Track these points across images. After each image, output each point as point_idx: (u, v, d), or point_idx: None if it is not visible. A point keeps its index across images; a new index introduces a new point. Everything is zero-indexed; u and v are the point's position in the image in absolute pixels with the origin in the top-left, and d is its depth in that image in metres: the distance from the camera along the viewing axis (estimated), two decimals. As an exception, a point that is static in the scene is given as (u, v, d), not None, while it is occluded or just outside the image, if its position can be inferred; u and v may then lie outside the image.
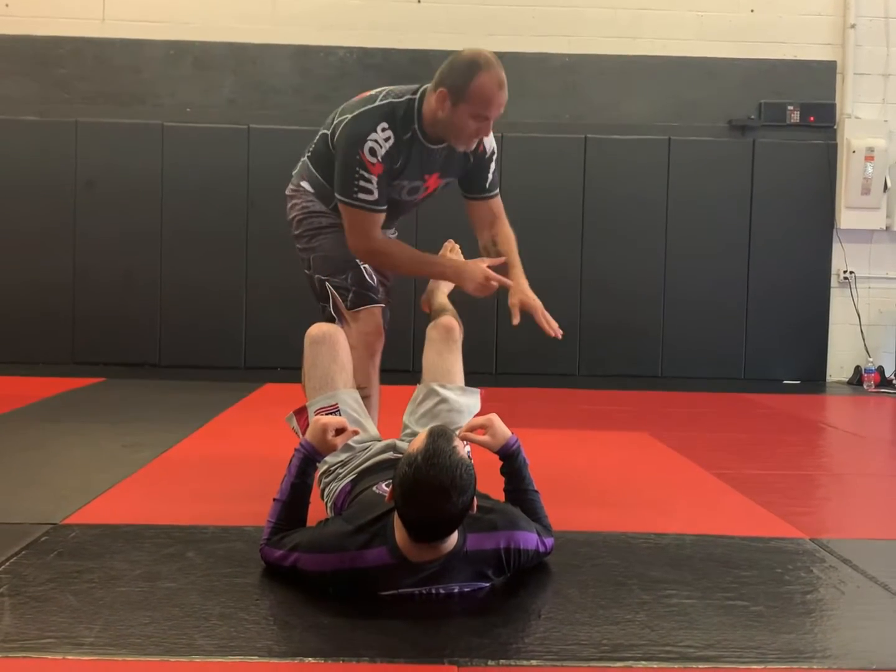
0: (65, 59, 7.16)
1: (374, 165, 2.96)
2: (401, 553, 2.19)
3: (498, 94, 2.91)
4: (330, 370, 2.84)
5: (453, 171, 3.20)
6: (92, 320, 7.10)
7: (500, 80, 2.92)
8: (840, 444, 5.02)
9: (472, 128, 2.95)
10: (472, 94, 2.90)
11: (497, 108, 2.94)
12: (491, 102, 2.91)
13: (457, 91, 2.91)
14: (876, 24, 7.43)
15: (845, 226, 7.38)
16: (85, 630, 2.02)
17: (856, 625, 2.24)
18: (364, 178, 2.96)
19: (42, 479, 3.45)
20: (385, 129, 2.96)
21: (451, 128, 2.97)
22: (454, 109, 2.93)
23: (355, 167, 2.96)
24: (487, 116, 2.94)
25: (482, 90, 2.89)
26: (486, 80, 2.89)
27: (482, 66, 2.90)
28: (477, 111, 2.91)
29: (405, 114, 3.00)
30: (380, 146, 2.95)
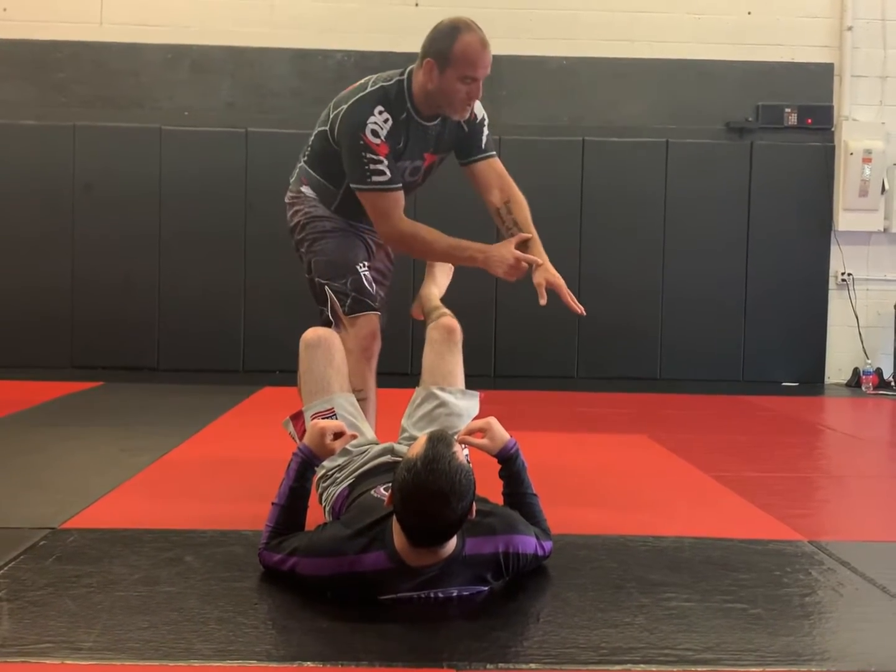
0: (63, 63, 7.16)
1: (380, 146, 2.98)
2: (399, 557, 2.19)
3: (482, 53, 2.94)
4: (326, 374, 2.84)
5: (446, 146, 3.20)
6: (90, 324, 7.10)
7: (482, 40, 2.95)
8: (838, 447, 5.03)
9: (463, 92, 2.97)
10: (456, 56, 2.93)
11: (483, 67, 2.96)
12: (476, 62, 2.93)
13: (442, 57, 2.94)
14: (873, 26, 7.44)
15: (843, 228, 7.39)
16: (83, 634, 2.02)
17: (854, 627, 2.24)
18: (374, 161, 2.98)
19: (41, 483, 3.45)
20: (382, 111, 2.99)
21: (443, 96, 2.99)
22: (442, 76, 2.95)
23: (362, 153, 2.98)
24: (475, 77, 2.95)
25: (466, 51, 2.93)
26: (469, 40, 2.93)
27: (462, 28, 2.95)
28: (464, 73, 2.94)
29: (397, 95, 3.02)
30: (380, 128, 2.98)
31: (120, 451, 4.02)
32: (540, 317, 7.24)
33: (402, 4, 7.30)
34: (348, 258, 3.14)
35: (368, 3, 7.29)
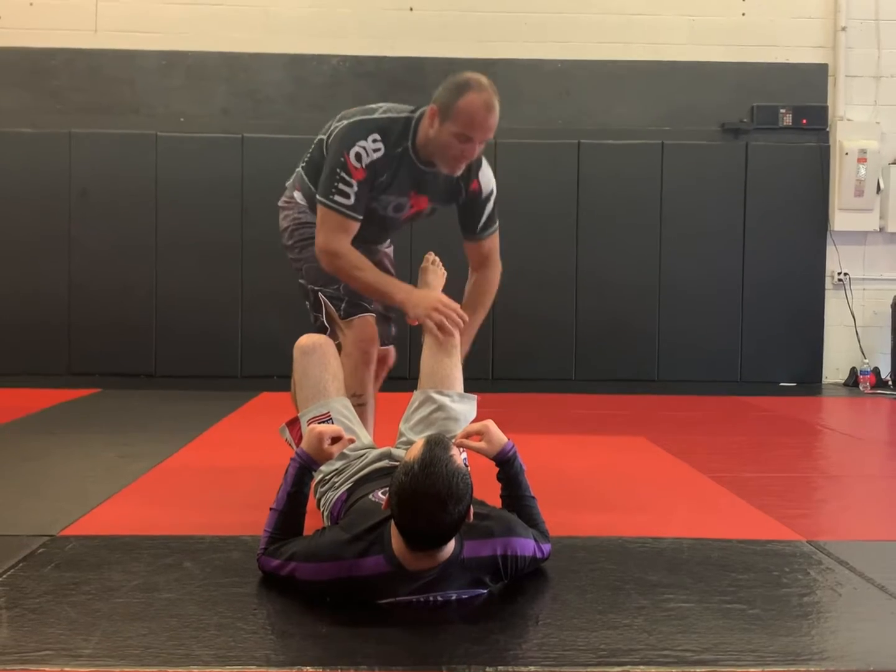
0: (58, 71, 7.17)
1: (357, 170, 2.96)
2: (398, 561, 2.19)
3: (485, 116, 2.89)
4: (322, 379, 2.84)
5: (442, 199, 3.18)
6: (87, 331, 7.10)
7: (488, 103, 2.89)
8: (836, 446, 5.03)
9: (456, 148, 2.93)
10: (457, 112, 2.89)
11: (482, 129, 2.91)
12: (475, 122, 2.89)
13: (445, 108, 2.92)
14: (867, 26, 7.46)
15: (839, 227, 7.41)
16: (83, 642, 2.02)
17: (853, 626, 2.25)
18: (344, 182, 2.97)
19: (39, 490, 3.45)
20: (376, 140, 2.97)
21: (437, 147, 2.96)
22: (441, 128, 2.93)
23: (338, 169, 2.98)
24: (471, 137, 2.91)
25: (468, 109, 2.88)
26: (473, 100, 2.88)
27: (473, 87, 2.90)
28: (461, 130, 2.90)
29: (402, 129, 3.01)
30: (366, 154, 2.96)
31: (118, 458, 4.02)
32: (537, 319, 7.31)
33: (397, 9, 7.31)
34: None
35: (363, 8, 7.30)
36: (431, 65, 7.24)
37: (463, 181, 3.14)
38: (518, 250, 7.25)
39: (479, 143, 2.94)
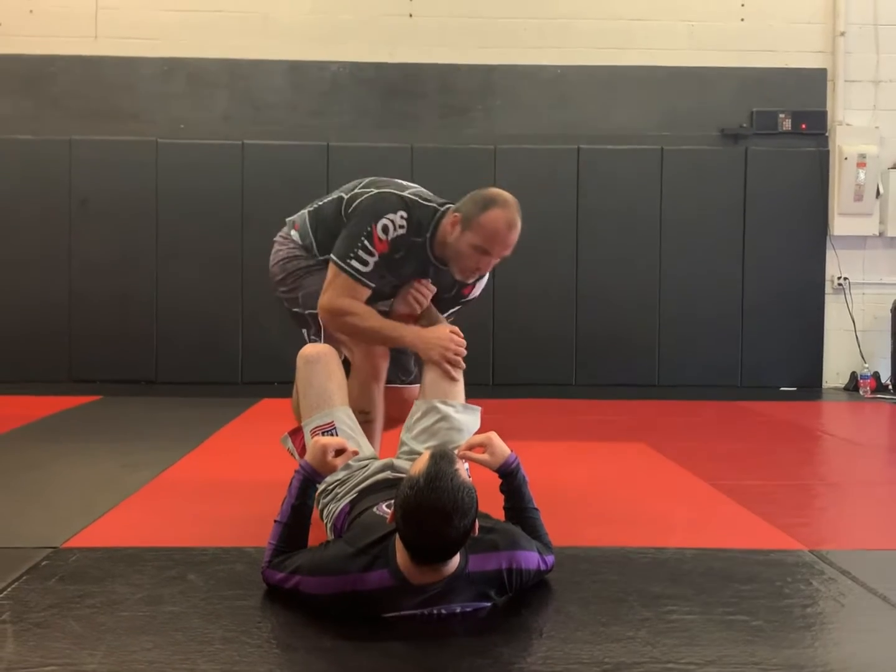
0: (58, 78, 7.18)
1: (382, 242, 2.97)
2: (402, 575, 2.19)
3: (506, 233, 2.93)
4: (327, 388, 2.84)
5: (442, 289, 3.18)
6: (88, 338, 7.10)
7: (510, 221, 2.93)
8: (837, 452, 5.04)
9: (473, 259, 2.96)
10: (480, 225, 2.92)
11: (501, 246, 2.94)
12: (495, 238, 2.92)
13: (467, 219, 2.94)
14: (865, 31, 7.47)
15: (839, 232, 7.41)
16: (88, 656, 2.02)
17: (856, 638, 2.25)
18: (365, 250, 2.97)
19: (42, 501, 3.45)
20: (404, 217, 2.98)
21: (454, 253, 2.98)
22: (461, 236, 2.95)
23: (362, 237, 2.97)
24: (489, 251, 2.94)
25: (490, 223, 2.91)
26: (497, 216, 2.92)
27: (498, 203, 2.93)
28: (480, 243, 2.93)
29: (424, 220, 3.01)
30: (393, 229, 2.97)
31: (120, 468, 4.02)
32: (537, 325, 7.31)
33: (397, 15, 7.32)
34: None
35: (363, 14, 7.31)
36: (431, 71, 7.26)
37: (461, 285, 3.18)
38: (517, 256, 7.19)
39: (497, 257, 2.98)
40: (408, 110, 7.26)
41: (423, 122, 7.23)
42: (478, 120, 7.32)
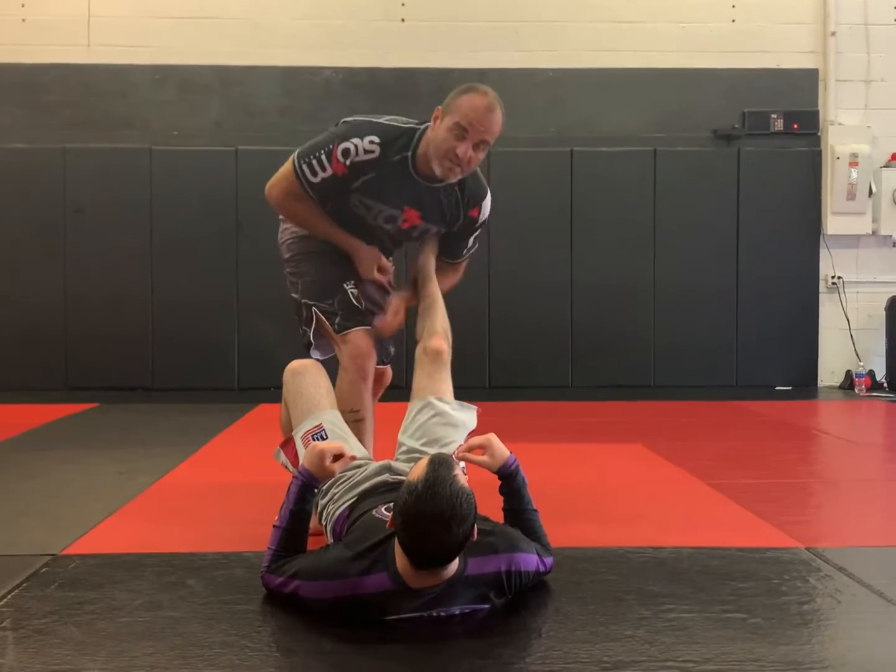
0: (51, 86, 7.19)
1: (339, 164, 3.01)
2: (402, 579, 2.20)
3: (484, 113, 2.93)
4: (315, 395, 2.87)
5: (437, 220, 3.18)
6: (84, 346, 7.10)
7: (489, 103, 2.94)
8: (833, 450, 5.06)
9: (450, 143, 2.95)
10: (456, 105, 2.95)
11: (480, 125, 2.93)
12: (472, 116, 2.92)
13: (447, 106, 2.98)
14: (856, 31, 7.50)
15: (832, 231, 7.44)
16: (89, 662, 2.03)
17: (853, 634, 2.27)
18: (319, 163, 3.02)
19: (40, 508, 3.45)
20: (373, 142, 3.00)
21: (434, 145, 2.99)
22: (441, 123, 2.98)
23: (322, 149, 3.02)
24: (466, 130, 2.93)
25: (468, 105, 2.93)
26: (474, 98, 2.94)
27: (477, 90, 2.97)
28: (458, 121, 2.93)
29: (404, 139, 3.03)
30: (356, 152, 2.99)
31: (118, 474, 4.03)
32: (533, 327, 7.33)
33: (389, 20, 7.34)
34: (334, 277, 3.14)
35: (355, 20, 7.33)
36: (424, 75, 7.28)
37: (463, 206, 3.16)
38: (513, 258, 7.30)
39: (474, 141, 2.95)
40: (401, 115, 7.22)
41: (416, 127, 7.24)
42: (471, 123, 7.32)
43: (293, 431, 2.88)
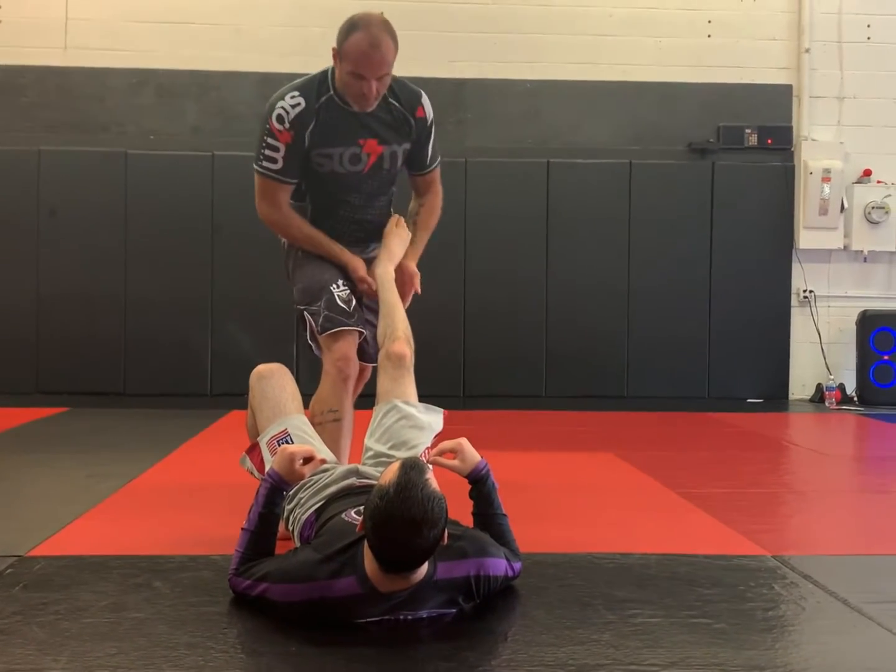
0: (27, 88, 7.14)
1: (282, 133, 3.04)
2: (370, 583, 2.20)
3: (369, 53, 2.95)
4: (281, 399, 2.87)
5: (393, 137, 3.18)
6: (56, 350, 7.05)
7: (372, 40, 2.95)
8: (802, 462, 5.10)
9: (355, 86, 3.00)
10: (346, 52, 2.98)
11: (369, 66, 2.96)
12: (360, 61, 2.95)
13: (339, 50, 3.02)
14: (829, 48, 7.60)
15: (804, 246, 7.51)
16: (52, 662, 2.01)
17: (816, 640, 2.29)
18: (270, 147, 3.06)
19: (7, 511, 3.43)
20: (294, 96, 3.04)
21: (343, 87, 3.04)
22: (340, 68, 3.02)
23: (264, 136, 3.07)
24: (362, 75, 2.97)
25: (353, 48, 2.96)
26: (357, 39, 2.96)
27: (358, 26, 2.98)
28: (352, 69, 2.97)
29: (321, 81, 3.09)
30: (287, 112, 3.03)
31: (86, 478, 4.00)
32: (507, 336, 7.34)
33: (367, 28, 7.34)
34: (322, 280, 3.16)
35: (333, 27, 7.15)
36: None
37: (407, 111, 3.18)
38: (488, 268, 7.31)
39: (374, 79, 2.98)
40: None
41: (393, 135, 7.25)
42: (449, 133, 7.33)
43: (259, 437, 2.87)
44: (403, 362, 2.96)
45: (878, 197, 7.50)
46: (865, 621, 2.35)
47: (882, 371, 7.33)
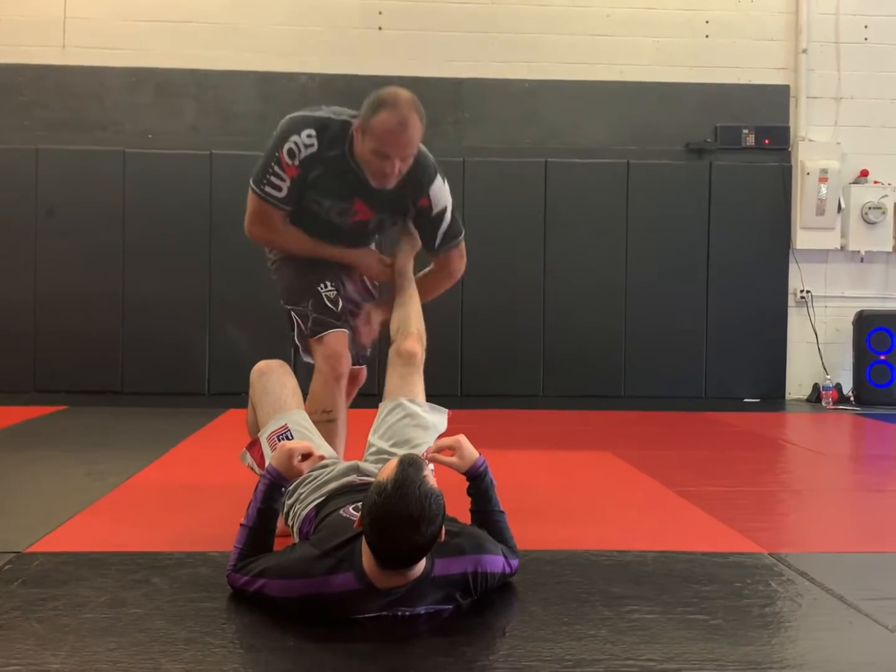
0: (25, 87, 7.14)
1: (289, 167, 3.01)
2: (367, 579, 2.20)
3: (398, 133, 2.90)
4: (282, 395, 2.88)
5: (388, 211, 3.18)
6: (54, 349, 7.05)
7: (401, 120, 2.89)
8: (799, 461, 5.11)
9: (376, 164, 2.96)
10: (371, 129, 2.92)
11: (396, 147, 2.92)
12: (387, 141, 2.91)
13: (363, 124, 2.95)
14: (827, 48, 7.61)
15: (801, 246, 7.53)
16: (51, 657, 2.02)
17: (813, 636, 2.30)
18: (276, 175, 3.02)
19: (5, 508, 3.43)
20: (311, 135, 3.00)
21: (363, 161, 2.99)
22: (363, 142, 2.96)
23: (271, 162, 3.03)
24: (387, 154, 2.93)
25: (380, 127, 2.90)
26: (386, 118, 2.89)
27: (387, 104, 2.91)
28: (376, 147, 2.93)
29: (338, 132, 3.02)
30: (299, 150, 3.00)
31: (85, 475, 4.00)
32: (505, 336, 7.35)
33: (366, 28, 7.36)
34: (308, 280, 3.15)
35: (332, 27, 7.35)
36: (400, 84, 7.18)
37: (410, 197, 3.13)
38: (486, 268, 7.30)
39: (398, 159, 2.95)
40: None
41: (391, 135, 7.25)
42: (447, 133, 7.36)
43: (259, 433, 2.88)
44: (414, 360, 2.97)
45: (874, 197, 7.51)
46: (861, 618, 2.36)
47: (878, 371, 7.35)
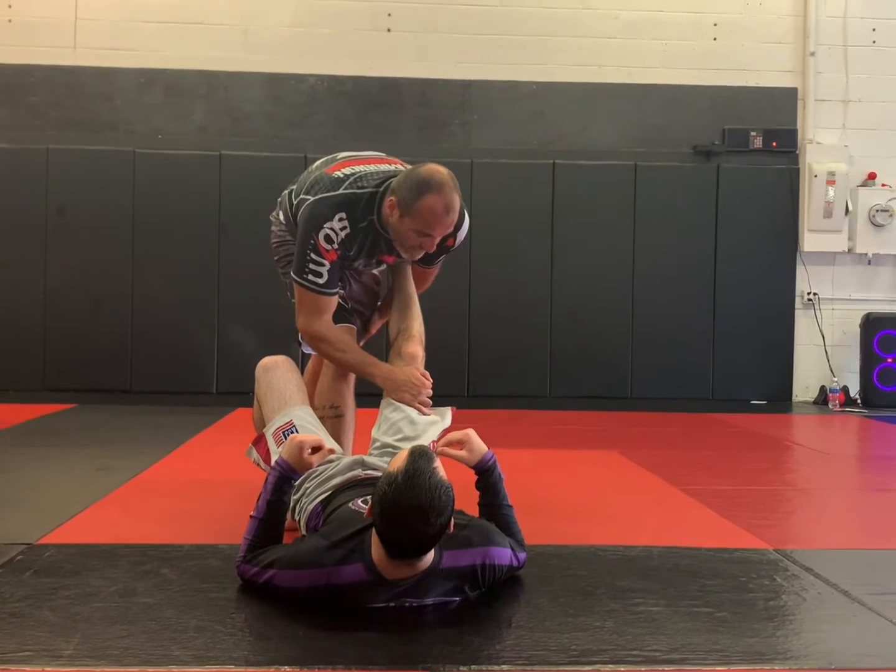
0: (36, 87, 7.19)
1: (328, 252, 2.99)
2: (377, 570, 2.23)
3: (443, 217, 2.92)
4: (286, 390, 2.91)
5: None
6: (63, 347, 7.09)
7: (447, 204, 2.90)
8: (805, 461, 5.12)
9: (416, 241, 2.98)
10: (417, 211, 2.91)
11: (441, 228, 2.95)
12: (434, 224, 2.93)
13: (405, 205, 2.93)
14: (835, 51, 7.63)
15: (808, 248, 7.53)
16: (63, 643, 2.04)
17: (816, 628, 2.31)
18: (315, 262, 2.99)
19: (16, 501, 3.46)
20: (342, 219, 2.98)
21: (397, 236, 3.00)
22: (401, 220, 2.95)
23: (308, 251, 2.99)
24: (430, 234, 2.96)
25: (427, 211, 2.90)
26: (433, 202, 2.89)
27: (433, 188, 2.89)
28: (420, 228, 2.94)
29: (366, 204, 3.00)
30: (336, 234, 2.98)
31: (95, 470, 4.04)
32: (512, 337, 7.37)
33: (375, 30, 7.40)
34: None
35: (341, 28, 7.38)
36: (408, 85, 7.34)
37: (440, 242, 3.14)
38: (493, 269, 7.34)
39: (440, 237, 2.99)
40: (385, 124, 7.33)
41: (400, 136, 7.29)
42: (455, 134, 7.39)
43: (265, 429, 2.91)
44: (415, 362, 3.01)
45: (882, 200, 7.52)
46: (866, 611, 2.37)
47: (886, 373, 7.35)
